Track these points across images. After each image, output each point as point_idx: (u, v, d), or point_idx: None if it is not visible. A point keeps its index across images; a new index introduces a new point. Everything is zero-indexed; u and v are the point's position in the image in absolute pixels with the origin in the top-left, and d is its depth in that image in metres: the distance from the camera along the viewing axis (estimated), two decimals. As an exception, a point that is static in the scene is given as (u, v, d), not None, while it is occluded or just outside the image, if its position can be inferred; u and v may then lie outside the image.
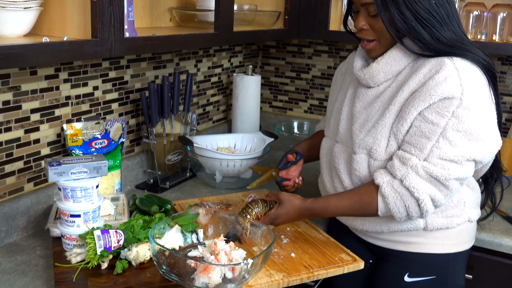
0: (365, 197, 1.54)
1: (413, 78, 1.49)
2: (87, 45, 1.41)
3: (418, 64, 1.51)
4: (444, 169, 1.44)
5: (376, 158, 1.55)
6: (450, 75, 1.43)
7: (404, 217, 1.52)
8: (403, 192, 1.48)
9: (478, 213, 1.70)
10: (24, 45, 1.25)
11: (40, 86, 1.71)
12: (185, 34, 1.82)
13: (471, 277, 1.88)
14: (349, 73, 1.75)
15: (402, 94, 1.50)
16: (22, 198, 1.69)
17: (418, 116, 1.46)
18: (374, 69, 1.56)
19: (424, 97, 1.44)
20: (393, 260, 1.69)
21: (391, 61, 1.53)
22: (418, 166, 1.46)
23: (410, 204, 1.48)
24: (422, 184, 1.46)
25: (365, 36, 1.55)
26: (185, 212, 1.59)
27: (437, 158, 1.44)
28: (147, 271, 1.45)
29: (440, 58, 1.47)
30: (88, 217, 1.52)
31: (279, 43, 2.93)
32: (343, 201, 1.58)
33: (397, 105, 1.51)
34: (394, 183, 1.49)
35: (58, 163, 1.48)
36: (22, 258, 1.56)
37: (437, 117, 1.43)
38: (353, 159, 1.60)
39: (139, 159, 2.17)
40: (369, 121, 1.58)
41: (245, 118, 2.57)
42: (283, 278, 1.45)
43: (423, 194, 1.46)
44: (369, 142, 1.56)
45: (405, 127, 1.49)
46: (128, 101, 2.10)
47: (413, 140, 1.48)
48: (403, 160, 1.48)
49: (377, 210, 1.53)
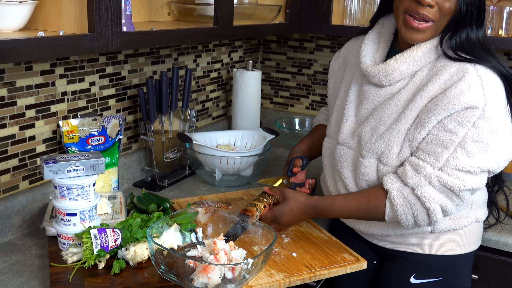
0: (373, 201, 1.53)
1: (432, 83, 1.46)
2: (83, 39, 1.40)
3: (437, 67, 1.47)
4: (459, 179, 1.43)
5: (386, 164, 1.53)
6: (474, 84, 1.40)
7: (411, 224, 1.51)
8: (413, 200, 1.47)
9: (485, 213, 1.70)
10: (19, 39, 1.25)
11: (36, 81, 1.71)
12: (184, 29, 1.81)
13: (476, 277, 1.88)
14: (349, 66, 1.72)
15: (420, 99, 1.47)
16: (17, 196, 1.68)
17: (437, 124, 1.44)
18: (391, 67, 1.51)
19: (446, 105, 1.41)
20: (399, 261, 1.69)
21: (410, 60, 1.49)
22: (432, 176, 1.45)
23: (419, 213, 1.48)
24: (435, 194, 1.45)
25: (428, 14, 1.42)
26: (184, 211, 1.59)
27: (452, 168, 1.43)
28: (145, 271, 1.45)
29: (463, 64, 1.44)
30: (84, 216, 1.52)
31: (280, 37, 2.93)
32: (350, 202, 1.58)
33: (414, 111, 1.48)
34: (404, 190, 1.48)
35: (54, 160, 1.48)
36: (17, 258, 1.56)
37: (456, 127, 1.41)
38: (361, 163, 1.58)
39: (137, 156, 2.17)
40: (381, 124, 1.54)
41: (245, 114, 2.57)
42: (284, 279, 1.45)
43: (434, 204, 1.46)
44: (380, 147, 1.53)
45: (422, 135, 1.46)
46: (125, 97, 2.10)
47: (428, 148, 1.45)
48: (416, 168, 1.46)
49: (384, 215, 1.52)
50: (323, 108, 1.99)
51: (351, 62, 1.71)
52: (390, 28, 1.63)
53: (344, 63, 1.76)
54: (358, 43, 1.72)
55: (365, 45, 1.62)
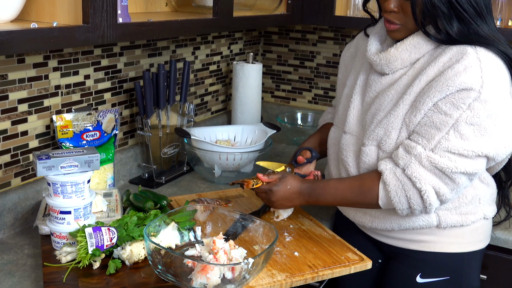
0: (367, 182, 1.55)
1: (431, 67, 1.47)
2: (78, 31, 1.40)
3: (438, 52, 1.49)
4: (451, 161, 1.44)
5: (386, 150, 1.55)
6: (471, 65, 1.41)
7: (406, 209, 1.52)
8: (405, 181, 1.48)
9: (494, 210, 1.70)
10: (11, 31, 1.25)
11: (28, 74, 1.71)
12: (182, 20, 1.81)
13: (485, 278, 1.88)
14: (359, 55, 1.74)
15: (418, 83, 1.49)
16: (9, 193, 1.69)
17: (432, 107, 1.45)
18: (391, 54, 1.54)
19: (441, 87, 1.43)
20: (404, 260, 1.69)
21: (411, 48, 1.51)
22: (422, 156, 1.46)
23: (412, 195, 1.48)
24: (425, 175, 1.46)
25: (393, 19, 1.51)
26: (182, 209, 1.59)
27: (444, 150, 1.44)
28: (142, 271, 1.45)
29: (463, 47, 1.45)
30: (79, 214, 1.52)
31: (281, 29, 2.92)
32: (343, 184, 1.60)
33: (412, 95, 1.49)
34: (396, 170, 1.49)
35: (47, 156, 1.48)
36: (9, 257, 1.57)
37: (451, 108, 1.42)
38: (362, 151, 1.59)
39: (133, 152, 2.17)
40: (380, 111, 1.56)
41: (245, 108, 2.57)
42: (286, 279, 1.45)
43: (425, 185, 1.46)
44: (379, 134, 1.55)
45: (418, 118, 1.48)
46: (121, 90, 2.10)
47: (422, 130, 1.47)
48: (407, 149, 1.48)
49: (377, 198, 1.53)
50: (329, 108, 2.00)
51: (361, 52, 1.74)
52: None
53: (356, 53, 1.79)
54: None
55: (373, 33, 1.66)
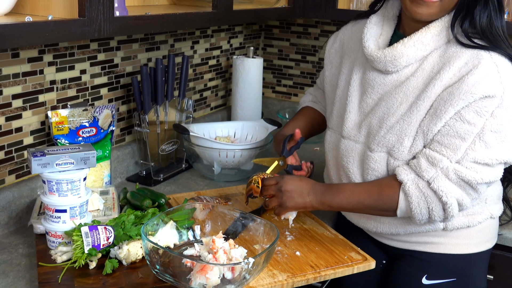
0: (386, 190, 1.52)
1: (445, 71, 1.45)
2: (73, 25, 1.40)
3: (449, 54, 1.47)
4: (477, 172, 1.44)
5: (397, 158, 1.53)
6: (491, 72, 1.40)
7: (425, 219, 1.51)
8: (429, 194, 1.47)
9: (501, 208, 1.70)
10: (5, 24, 1.24)
11: (23, 69, 1.71)
12: (181, 13, 1.81)
13: (492, 278, 1.88)
14: (348, 52, 1.70)
15: (433, 88, 1.46)
16: (3, 191, 1.68)
17: (454, 115, 1.43)
18: (398, 51, 1.50)
19: (464, 95, 1.40)
20: (409, 261, 1.69)
21: (419, 44, 1.48)
22: (449, 169, 1.44)
23: (435, 207, 1.47)
24: (452, 188, 1.45)
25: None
26: (180, 207, 1.59)
27: (471, 161, 1.43)
28: (139, 271, 1.45)
29: (477, 51, 1.43)
30: (74, 213, 1.52)
31: (282, 22, 2.92)
32: (360, 188, 1.56)
33: (427, 101, 1.47)
34: (419, 182, 1.47)
35: (42, 153, 1.48)
36: (3, 257, 1.56)
37: (475, 117, 1.41)
38: (370, 157, 1.57)
39: (131, 149, 2.17)
40: (389, 115, 1.53)
41: (245, 104, 2.57)
42: (287, 279, 1.45)
43: (451, 198, 1.46)
44: (391, 140, 1.53)
45: (438, 127, 1.46)
46: (118, 86, 2.09)
47: (445, 140, 1.45)
48: (432, 161, 1.46)
49: (396, 207, 1.51)
50: (311, 89, 1.96)
51: (350, 48, 1.70)
52: (394, 11, 1.63)
53: (342, 49, 1.75)
54: (357, 27, 1.71)
55: (368, 28, 1.61)
